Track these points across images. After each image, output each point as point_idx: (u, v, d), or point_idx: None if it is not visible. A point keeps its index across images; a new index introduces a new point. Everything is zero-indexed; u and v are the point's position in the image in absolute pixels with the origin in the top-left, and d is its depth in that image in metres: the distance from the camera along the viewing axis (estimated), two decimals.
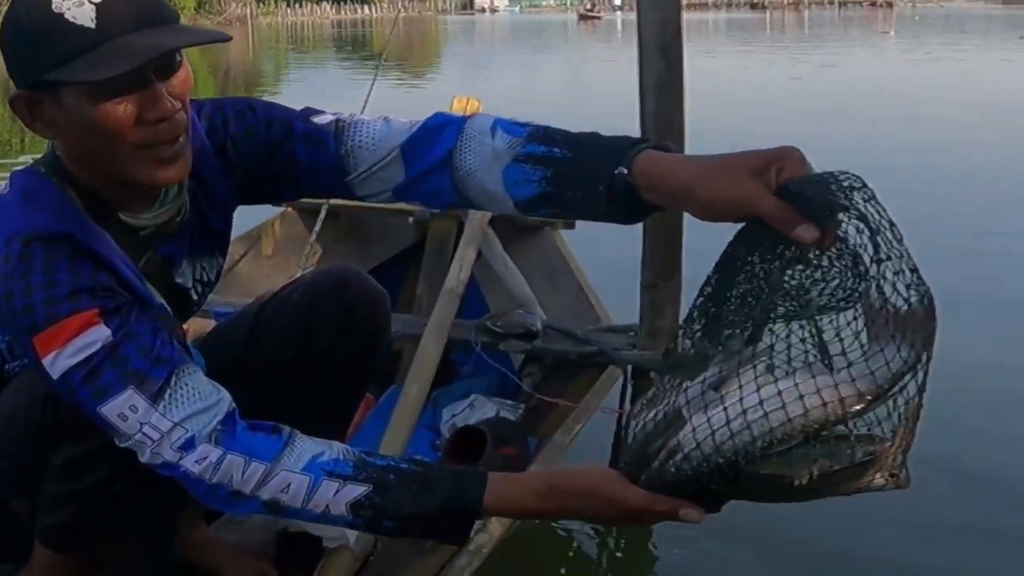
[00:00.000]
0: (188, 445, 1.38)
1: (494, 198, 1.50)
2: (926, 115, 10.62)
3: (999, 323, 4.21)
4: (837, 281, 1.22)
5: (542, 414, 2.77)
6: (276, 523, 2.04)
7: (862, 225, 1.18)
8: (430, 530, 1.45)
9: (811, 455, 1.20)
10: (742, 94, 12.16)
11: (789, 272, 1.24)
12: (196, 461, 1.38)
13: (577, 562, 2.53)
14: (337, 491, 1.40)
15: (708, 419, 1.22)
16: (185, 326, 2.56)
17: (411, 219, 3.47)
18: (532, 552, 2.42)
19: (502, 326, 2.91)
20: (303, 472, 1.40)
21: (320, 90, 13.43)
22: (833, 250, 1.21)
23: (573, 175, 1.41)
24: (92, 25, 1.34)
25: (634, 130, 2.65)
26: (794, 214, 1.22)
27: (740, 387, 1.22)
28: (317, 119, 1.60)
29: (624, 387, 1.91)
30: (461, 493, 1.41)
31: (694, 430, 1.23)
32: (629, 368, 2.75)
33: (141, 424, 1.37)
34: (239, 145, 1.61)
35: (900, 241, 1.17)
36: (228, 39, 1.45)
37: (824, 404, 1.19)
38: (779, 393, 1.20)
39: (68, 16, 1.33)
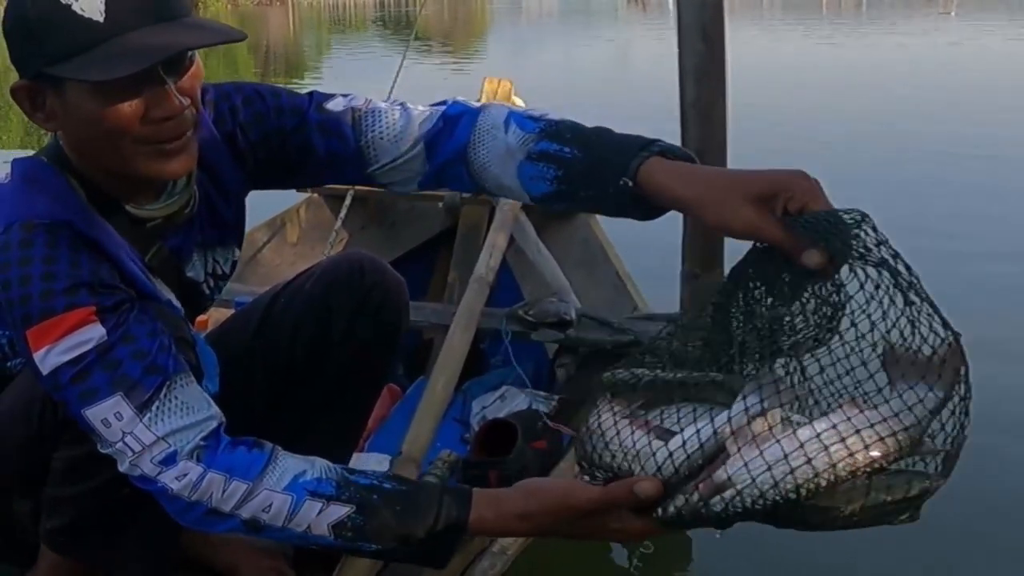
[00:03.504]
0: (169, 460, 1.35)
1: (510, 191, 1.51)
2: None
3: None
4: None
5: (576, 406, 2.67)
6: None
7: (880, 271, 1.19)
8: (411, 553, 1.41)
9: (865, 486, 1.18)
10: (796, 77, 11.98)
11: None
12: (176, 478, 1.35)
13: (607, 568, 2.43)
14: (320, 511, 1.37)
15: (761, 454, 1.19)
16: (205, 316, 2.52)
17: (441, 204, 3.40)
18: (560, 556, 2.32)
19: (534, 315, 2.81)
20: (285, 491, 1.37)
21: (361, 70, 13.41)
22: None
23: (585, 175, 1.41)
24: (100, 19, 1.30)
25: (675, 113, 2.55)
26: (800, 239, 1.22)
27: (790, 420, 1.21)
28: (330, 105, 1.57)
29: None
30: (445, 517, 1.38)
31: (746, 465, 1.19)
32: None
33: (124, 433, 1.34)
34: (249, 133, 1.58)
35: (919, 284, 1.18)
36: (243, 38, 1.41)
37: (882, 440, 1.17)
38: (835, 426, 1.18)
39: (76, 8, 1.29)
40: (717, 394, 1.32)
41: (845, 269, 1.21)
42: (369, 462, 2.32)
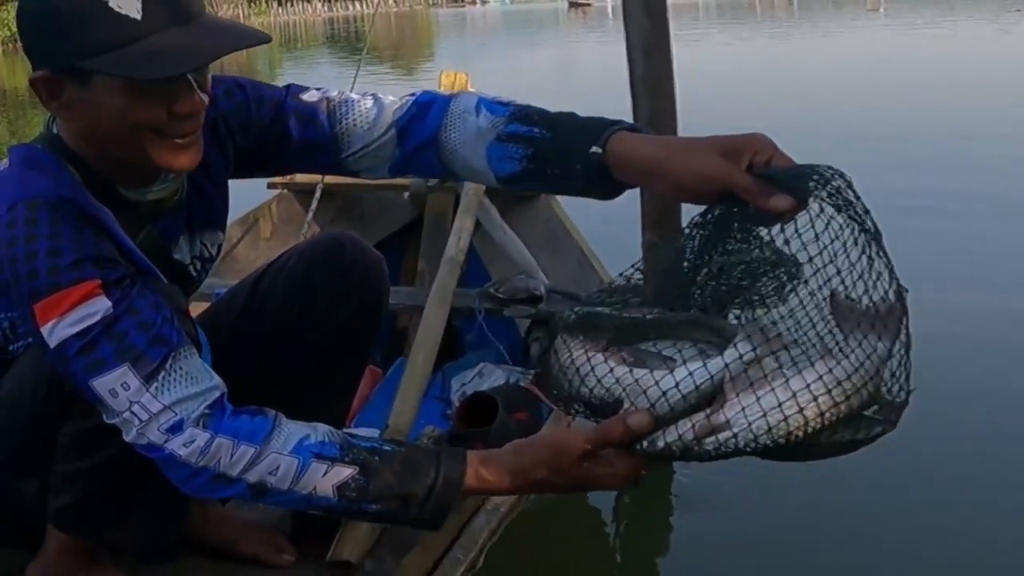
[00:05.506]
0: (176, 428, 1.38)
1: (477, 173, 1.57)
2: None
3: None
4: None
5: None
6: None
7: (841, 215, 1.25)
8: (409, 513, 1.44)
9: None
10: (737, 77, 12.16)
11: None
12: (183, 444, 1.38)
13: (596, 529, 2.49)
14: (325, 473, 1.40)
15: (758, 399, 1.28)
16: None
17: (407, 194, 3.45)
18: (555, 516, 2.39)
19: (505, 292, 2.88)
20: (291, 454, 1.40)
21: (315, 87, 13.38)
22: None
23: (552, 153, 1.47)
24: (138, 16, 1.33)
25: (621, 106, 2.62)
26: (768, 187, 1.28)
27: (781, 368, 1.29)
28: (305, 96, 1.64)
29: None
30: (442, 476, 1.42)
31: (744, 410, 1.28)
32: None
33: (131, 402, 1.37)
34: (230, 122, 1.63)
35: (881, 238, 1.25)
36: (269, 40, 1.45)
37: (858, 391, 1.27)
38: (820, 378, 1.27)
39: (112, 4, 1.33)
40: (694, 332, 1.40)
41: (816, 217, 1.27)
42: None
